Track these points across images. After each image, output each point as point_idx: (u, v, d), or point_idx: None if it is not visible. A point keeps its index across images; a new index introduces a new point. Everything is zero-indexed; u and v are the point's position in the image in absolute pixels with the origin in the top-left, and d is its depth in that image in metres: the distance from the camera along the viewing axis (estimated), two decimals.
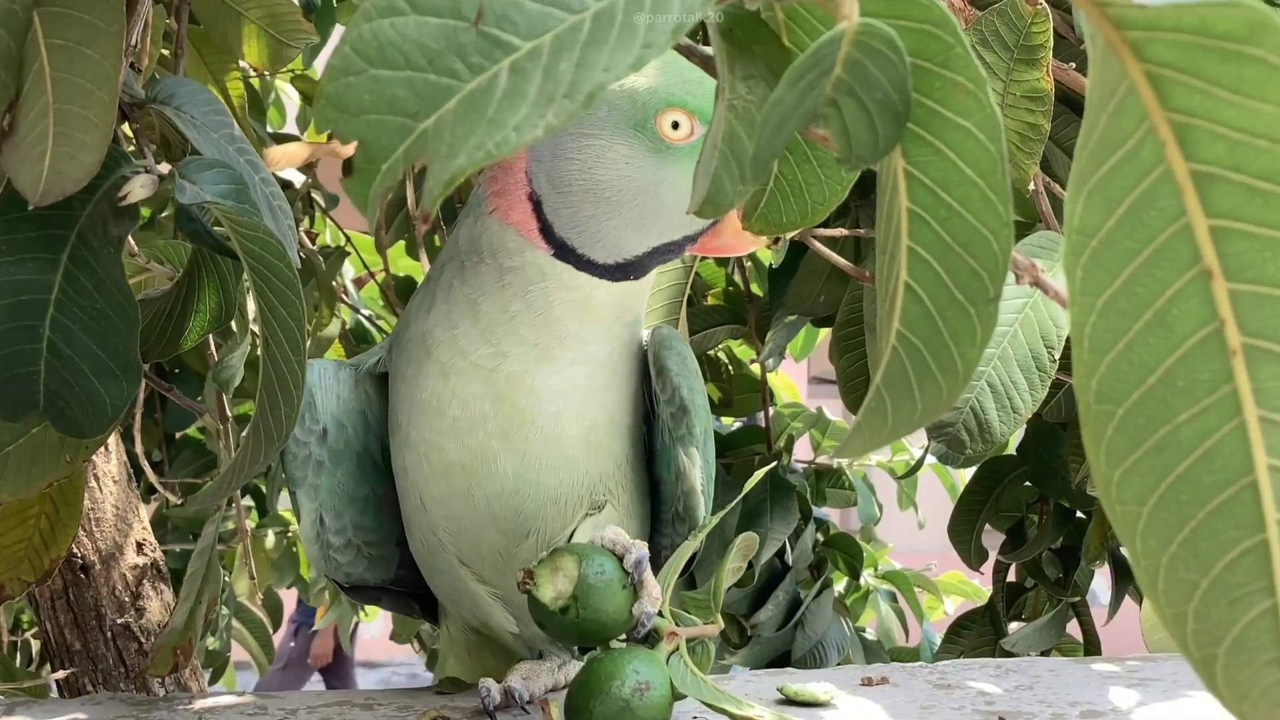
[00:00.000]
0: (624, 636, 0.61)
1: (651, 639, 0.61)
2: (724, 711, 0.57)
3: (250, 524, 2.12)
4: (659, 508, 0.72)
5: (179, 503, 1.16)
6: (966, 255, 0.38)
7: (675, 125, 0.62)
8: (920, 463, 1.84)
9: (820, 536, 1.79)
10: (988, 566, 1.49)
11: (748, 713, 0.57)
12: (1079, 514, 1.42)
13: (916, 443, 1.94)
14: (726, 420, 1.90)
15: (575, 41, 0.35)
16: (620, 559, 0.60)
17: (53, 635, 1.02)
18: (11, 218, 0.58)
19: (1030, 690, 0.68)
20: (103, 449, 1.02)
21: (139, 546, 1.03)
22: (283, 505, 2.12)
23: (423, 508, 0.68)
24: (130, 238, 0.78)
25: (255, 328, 0.85)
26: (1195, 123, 0.32)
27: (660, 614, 0.61)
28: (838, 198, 0.49)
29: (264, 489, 2.08)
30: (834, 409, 1.83)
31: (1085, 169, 0.34)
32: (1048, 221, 0.97)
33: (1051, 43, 0.84)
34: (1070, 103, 1.15)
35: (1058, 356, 0.90)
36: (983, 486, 1.47)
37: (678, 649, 0.60)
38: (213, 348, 1.09)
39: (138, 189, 0.58)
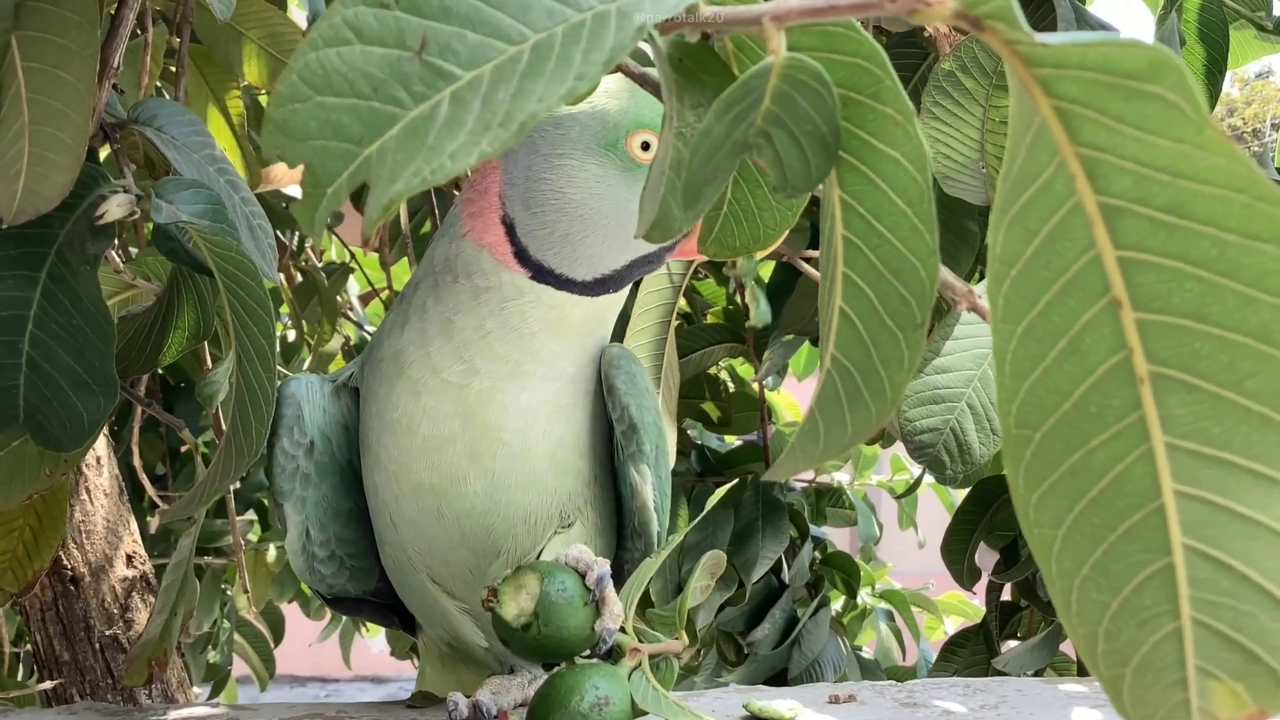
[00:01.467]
0: (587, 653, 0.61)
1: (614, 655, 0.61)
2: None
3: (253, 537, 2.13)
4: (621, 523, 0.73)
5: (183, 518, 1.17)
6: (896, 282, 0.39)
7: (645, 146, 0.64)
8: (918, 481, 1.85)
9: (817, 555, 1.79)
10: (983, 586, 1.49)
11: None
12: None
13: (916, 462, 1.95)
14: (730, 439, 1.90)
15: (514, 72, 0.36)
16: (583, 576, 0.61)
17: (42, 646, 1.03)
18: None
19: (995, 710, 0.68)
20: (94, 462, 1.04)
21: (129, 559, 1.05)
22: None
23: (393, 526, 0.69)
24: (115, 254, 0.80)
25: None
26: (1103, 157, 0.33)
27: (622, 630, 0.61)
28: (789, 223, 0.50)
29: (266, 503, 2.09)
30: None
31: (1006, 199, 0.35)
32: None
33: None
34: None
35: None
36: (976, 506, 1.47)
37: (640, 665, 0.61)
38: (209, 362, 1.10)
39: (115, 208, 0.59)
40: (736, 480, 1.42)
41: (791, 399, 2.11)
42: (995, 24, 0.32)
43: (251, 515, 2.14)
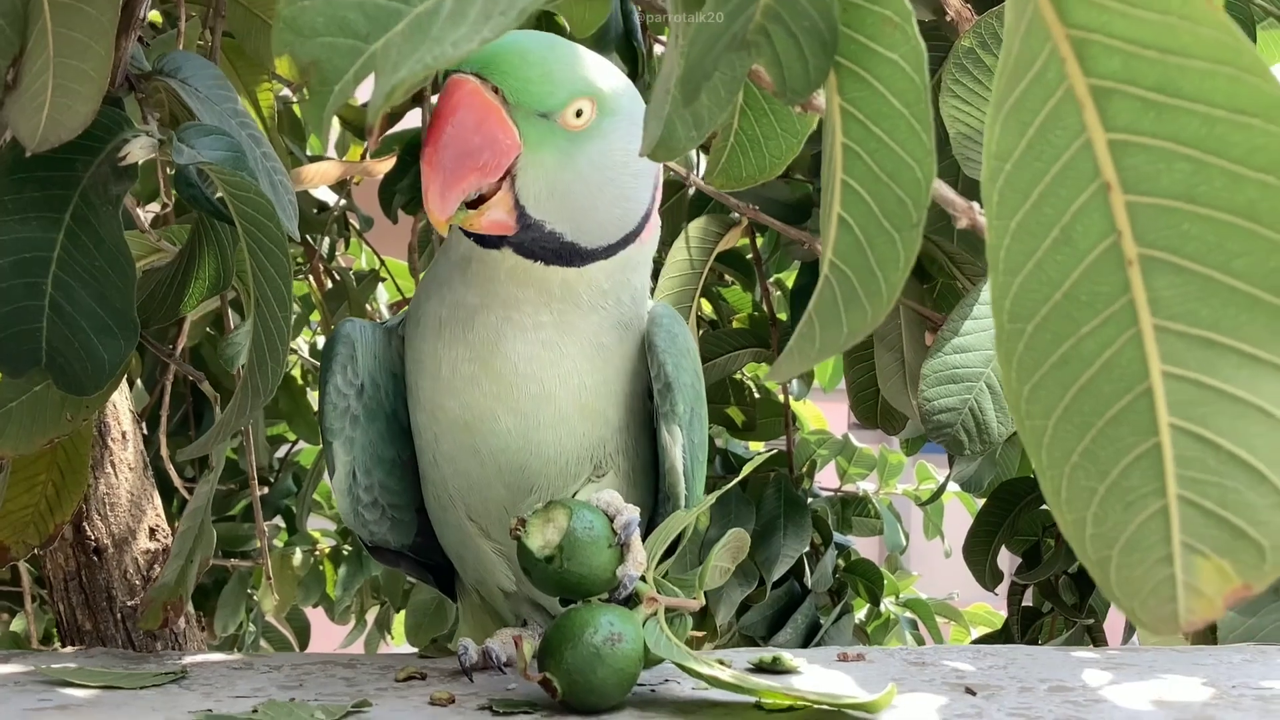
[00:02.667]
0: (605, 597, 0.62)
1: (631, 603, 0.62)
2: (691, 671, 0.58)
3: (279, 542, 2.15)
4: (659, 483, 0.73)
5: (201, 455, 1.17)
6: (893, 184, 0.40)
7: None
8: (942, 488, 1.84)
9: (841, 562, 1.79)
10: (1004, 590, 1.49)
11: (713, 671, 0.58)
12: None
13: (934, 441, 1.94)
14: (756, 446, 1.90)
15: None
16: (612, 520, 0.62)
17: (64, 616, 1.04)
18: (17, 177, 0.61)
19: (1004, 669, 0.68)
20: (119, 437, 1.05)
21: (151, 532, 1.06)
22: (311, 525, 2.15)
23: (435, 464, 0.71)
24: (144, 218, 0.81)
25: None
26: (1093, 37, 0.33)
27: (643, 579, 0.62)
28: (794, 151, 0.50)
29: (294, 509, 2.10)
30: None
31: (1002, 94, 0.36)
32: None
33: None
34: None
35: None
36: (999, 508, 1.47)
37: (655, 614, 0.61)
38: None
39: (137, 150, 0.61)
40: (768, 455, 1.42)
41: (817, 410, 2.11)
42: None
43: (279, 521, 2.16)
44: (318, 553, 2.13)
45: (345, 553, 2.12)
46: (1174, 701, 0.61)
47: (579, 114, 0.62)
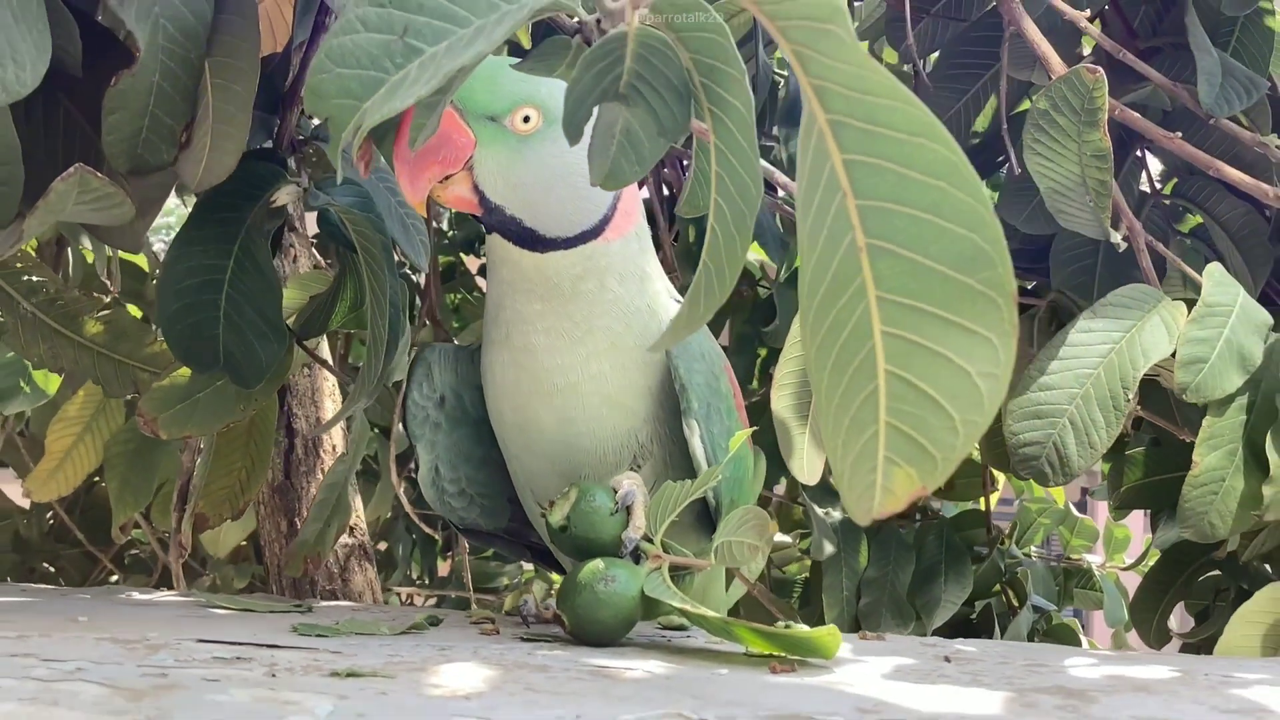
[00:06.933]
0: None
1: (639, 561, 0.74)
2: (682, 612, 0.70)
3: (524, 578, 2.35)
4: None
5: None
6: (739, 199, 0.52)
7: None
8: (1145, 553, 1.84)
9: (1042, 625, 1.81)
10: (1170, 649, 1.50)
11: (701, 612, 0.69)
12: None
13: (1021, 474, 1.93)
14: (962, 506, 1.92)
15: (460, 45, 0.52)
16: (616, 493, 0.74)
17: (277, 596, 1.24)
18: (202, 217, 0.80)
19: (1005, 656, 0.77)
20: (330, 449, 1.25)
21: (350, 529, 1.24)
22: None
23: (509, 460, 0.85)
24: (321, 259, 0.99)
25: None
26: (825, 84, 0.45)
27: (649, 541, 0.74)
28: None
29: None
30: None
31: (800, 135, 0.48)
32: (1146, 277, 1.04)
33: (1107, 103, 0.93)
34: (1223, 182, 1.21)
35: (1133, 397, 0.98)
36: (1171, 568, 1.48)
37: (660, 569, 0.73)
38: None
39: (283, 195, 0.79)
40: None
41: None
42: None
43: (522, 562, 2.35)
44: (553, 592, 2.31)
45: None
46: (1130, 678, 0.68)
47: (526, 120, 0.73)
